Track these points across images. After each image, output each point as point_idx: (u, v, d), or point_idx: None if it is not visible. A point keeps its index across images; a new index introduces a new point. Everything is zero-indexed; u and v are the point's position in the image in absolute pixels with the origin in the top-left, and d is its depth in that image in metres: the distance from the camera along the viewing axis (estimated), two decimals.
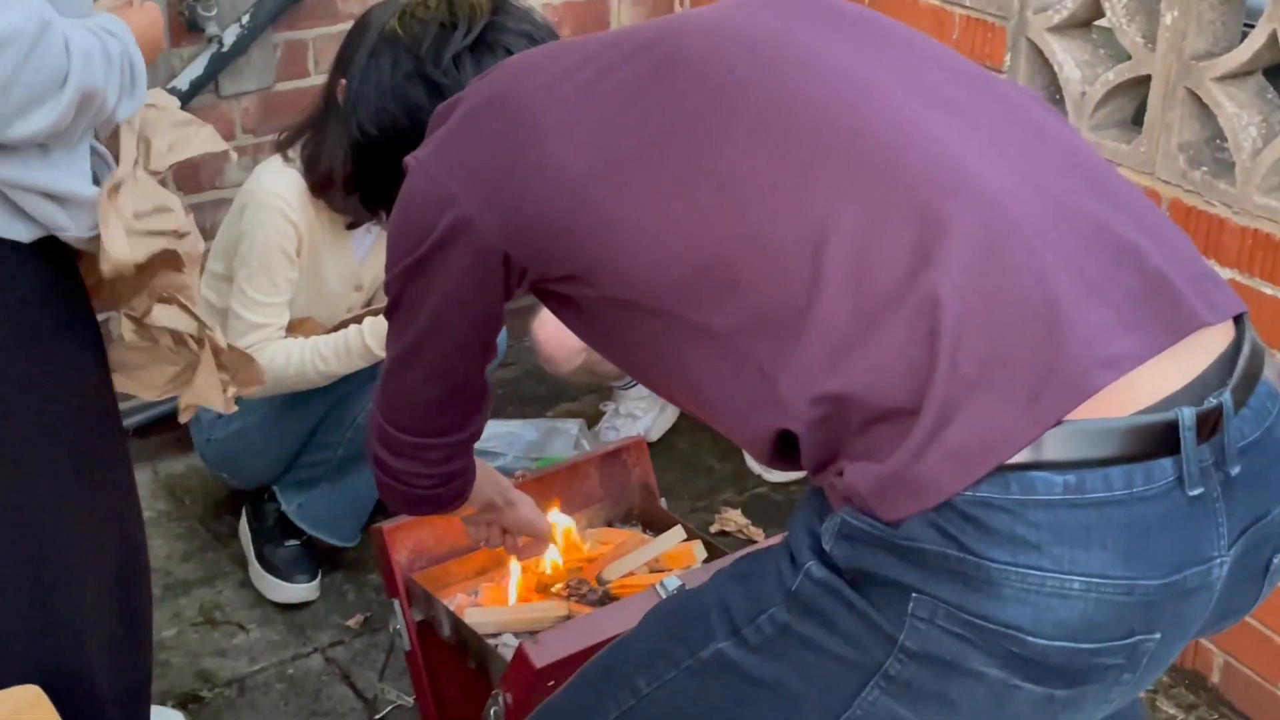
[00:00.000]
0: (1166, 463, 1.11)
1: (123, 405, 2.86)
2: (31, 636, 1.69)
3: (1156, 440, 1.11)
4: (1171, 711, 2.38)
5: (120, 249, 1.63)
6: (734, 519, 2.86)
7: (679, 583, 1.95)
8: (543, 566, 2.17)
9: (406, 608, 2.10)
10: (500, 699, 1.91)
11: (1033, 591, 1.10)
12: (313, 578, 2.61)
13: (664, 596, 1.93)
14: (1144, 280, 1.17)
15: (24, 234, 1.58)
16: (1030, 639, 1.11)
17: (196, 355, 1.82)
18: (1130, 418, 1.11)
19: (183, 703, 2.33)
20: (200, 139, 1.81)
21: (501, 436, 2.64)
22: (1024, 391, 1.10)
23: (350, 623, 2.55)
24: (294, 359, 2.41)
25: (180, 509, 2.86)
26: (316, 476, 2.59)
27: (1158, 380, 1.13)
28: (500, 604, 2.18)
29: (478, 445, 2.56)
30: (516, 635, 2.08)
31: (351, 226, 2.51)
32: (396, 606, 2.11)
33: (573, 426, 2.68)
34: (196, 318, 1.78)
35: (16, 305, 1.60)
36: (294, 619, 2.56)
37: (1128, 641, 1.13)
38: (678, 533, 2.25)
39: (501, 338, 2.70)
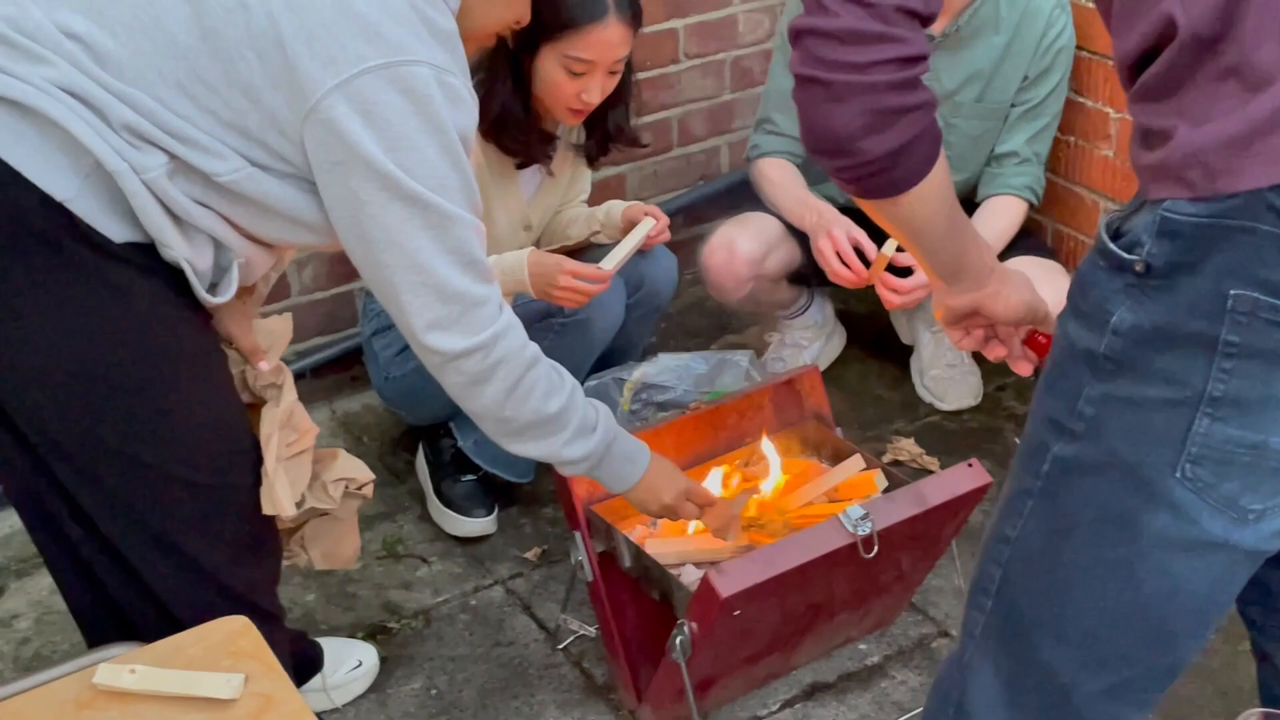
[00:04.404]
0: None
1: (299, 346, 2.98)
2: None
3: None
4: None
5: (285, 507, 1.75)
6: (907, 448, 2.82)
7: (863, 512, 1.94)
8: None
9: (588, 539, 2.13)
10: (686, 629, 1.92)
11: None
12: (489, 512, 2.65)
13: (848, 527, 1.93)
14: None
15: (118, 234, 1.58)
16: None
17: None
18: None
19: (371, 634, 2.40)
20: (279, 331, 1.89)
21: (672, 370, 2.63)
22: None
23: (528, 555, 2.59)
24: None
25: (358, 446, 2.92)
26: None
27: None
28: (678, 535, 2.19)
29: (646, 379, 2.61)
30: (697, 565, 2.09)
31: (522, 166, 2.52)
32: (578, 538, 2.13)
33: (742, 358, 2.66)
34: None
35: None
36: (473, 552, 2.61)
37: None
38: (856, 461, 2.23)
39: (672, 272, 2.71)
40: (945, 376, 3.00)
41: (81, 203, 1.51)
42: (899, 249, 2.54)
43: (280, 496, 1.73)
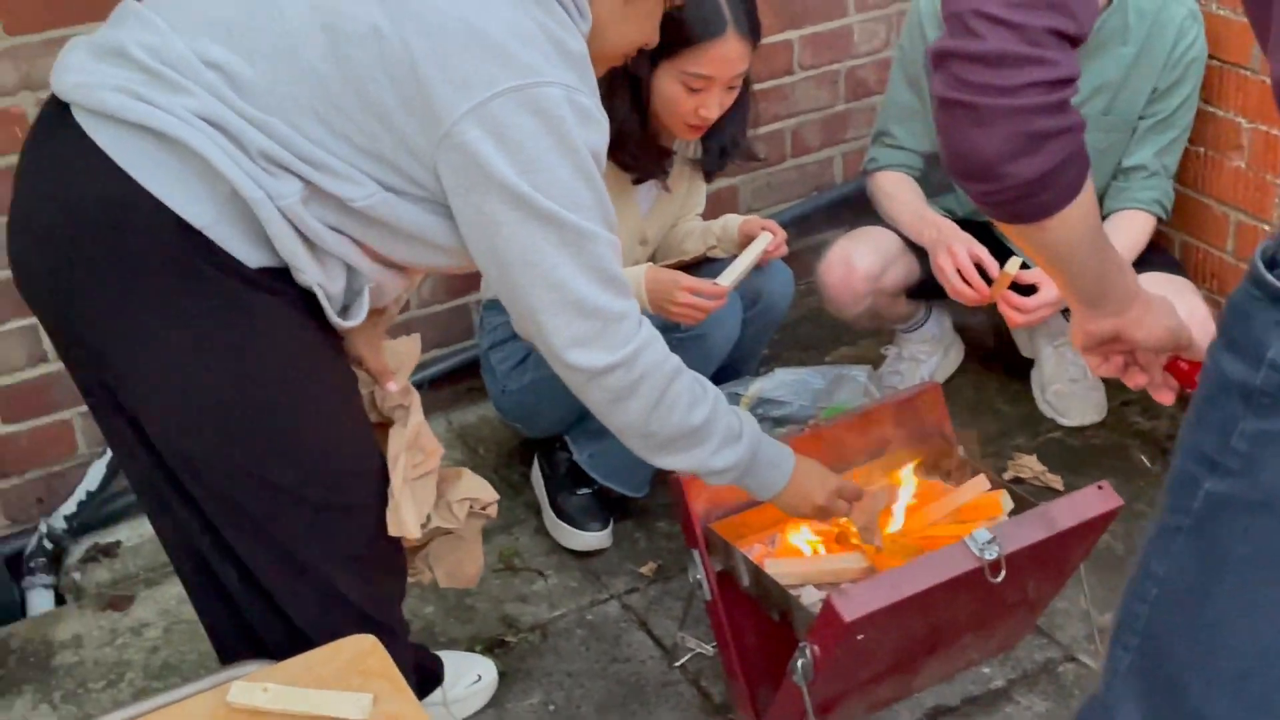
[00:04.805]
0: None
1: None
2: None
3: None
4: None
5: (411, 528, 1.76)
6: (1029, 465, 2.77)
7: (990, 535, 1.90)
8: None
9: (706, 558, 2.11)
10: (807, 651, 1.90)
11: None
12: (605, 526, 2.65)
13: (975, 551, 1.89)
14: None
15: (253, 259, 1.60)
16: None
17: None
18: None
19: (489, 647, 2.41)
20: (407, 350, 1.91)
21: (789, 384, 2.61)
22: None
23: (643, 570, 2.59)
24: None
25: (474, 457, 2.94)
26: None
27: None
28: (797, 554, 2.17)
29: (762, 394, 2.59)
30: (818, 587, 2.06)
31: (638, 182, 2.52)
32: (696, 556, 2.12)
33: (860, 373, 2.63)
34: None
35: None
36: (589, 566, 2.61)
37: None
38: (980, 482, 2.19)
39: (788, 286, 2.69)
40: (1068, 391, 2.94)
41: (218, 229, 1.54)
42: (1023, 266, 2.49)
43: (406, 518, 1.74)
